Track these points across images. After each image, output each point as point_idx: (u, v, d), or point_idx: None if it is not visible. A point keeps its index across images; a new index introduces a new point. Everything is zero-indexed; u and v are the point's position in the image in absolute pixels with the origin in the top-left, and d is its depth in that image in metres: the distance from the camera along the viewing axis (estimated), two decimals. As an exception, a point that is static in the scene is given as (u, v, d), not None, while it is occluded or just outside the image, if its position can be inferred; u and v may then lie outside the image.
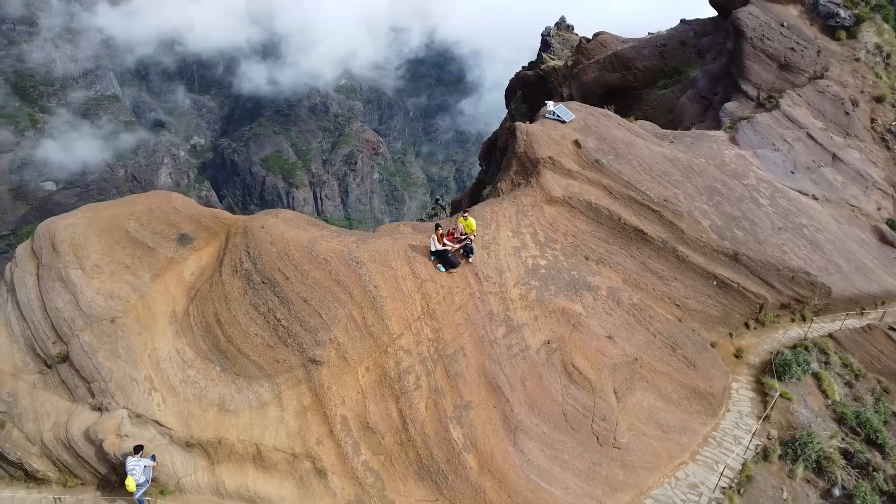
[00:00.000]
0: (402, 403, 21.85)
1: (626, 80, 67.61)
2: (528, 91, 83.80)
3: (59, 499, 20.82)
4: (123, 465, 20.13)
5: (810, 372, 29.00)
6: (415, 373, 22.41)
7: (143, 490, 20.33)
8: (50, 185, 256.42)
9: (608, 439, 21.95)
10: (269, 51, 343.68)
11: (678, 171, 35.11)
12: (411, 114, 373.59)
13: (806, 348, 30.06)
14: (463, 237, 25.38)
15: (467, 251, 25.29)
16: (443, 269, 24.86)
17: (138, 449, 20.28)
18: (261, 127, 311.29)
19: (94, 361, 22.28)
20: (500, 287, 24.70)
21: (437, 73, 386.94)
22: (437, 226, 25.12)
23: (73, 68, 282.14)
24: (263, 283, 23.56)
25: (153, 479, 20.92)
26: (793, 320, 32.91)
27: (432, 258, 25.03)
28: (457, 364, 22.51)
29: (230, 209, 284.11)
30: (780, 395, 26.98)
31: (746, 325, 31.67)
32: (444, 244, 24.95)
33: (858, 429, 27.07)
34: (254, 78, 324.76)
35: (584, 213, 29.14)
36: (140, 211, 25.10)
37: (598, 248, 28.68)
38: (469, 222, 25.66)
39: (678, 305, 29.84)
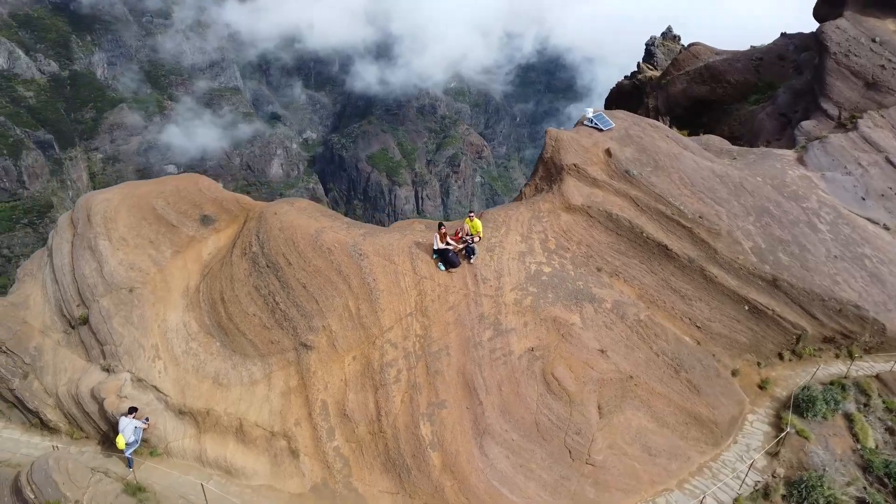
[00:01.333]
0: (379, 395, 22.28)
1: (716, 93, 64.78)
2: (623, 101, 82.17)
3: (57, 446, 22.76)
4: (117, 423, 21.77)
5: (841, 412, 26.86)
6: (397, 366, 22.78)
7: (132, 449, 21.88)
8: (172, 168, 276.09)
9: (581, 454, 21.37)
10: (382, 51, 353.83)
11: (725, 189, 33.40)
12: (518, 119, 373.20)
13: (842, 387, 27.84)
14: (468, 237, 25.49)
15: (469, 252, 25.35)
16: (443, 267, 25.08)
17: (132, 410, 21.85)
18: (370, 125, 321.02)
19: (109, 326, 24.19)
20: (496, 290, 24.60)
21: (546, 80, 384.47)
22: (441, 224, 25.37)
23: (200, 59, 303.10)
24: (268, 266, 24.69)
25: (145, 440, 22.47)
26: (837, 356, 30.49)
27: (434, 256, 25.29)
28: (438, 362, 22.66)
29: (335, 203, 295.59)
30: (797, 433, 25.19)
31: (780, 356, 29.68)
32: (448, 243, 25.16)
33: (886, 479, 24.83)
34: (366, 77, 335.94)
35: (603, 224, 28.39)
36: (169, 191, 26.96)
37: (613, 260, 27.86)
38: (475, 223, 25.75)
39: (699, 327, 28.45)
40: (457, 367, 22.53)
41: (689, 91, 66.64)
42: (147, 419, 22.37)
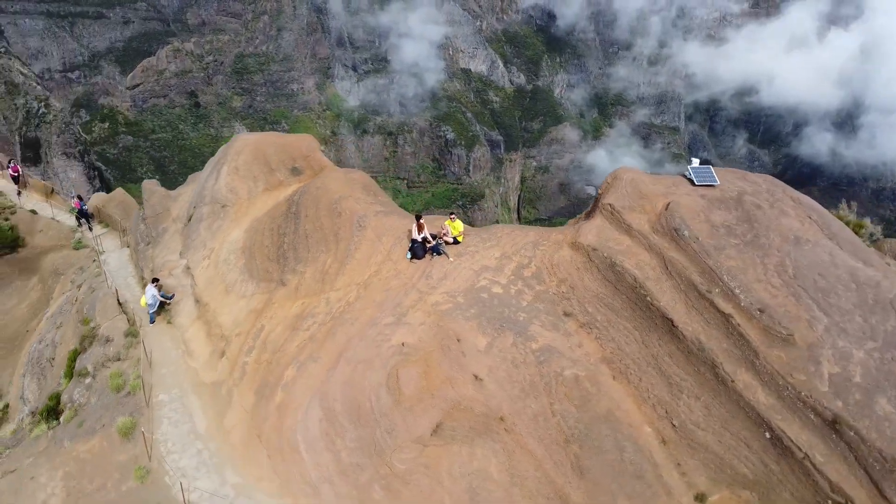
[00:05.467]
0: (289, 335, 25.44)
1: None
2: None
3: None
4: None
5: None
6: (315, 320, 25.55)
7: (152, 309, 29.53)
8: (591, 190, 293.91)
9: (384, 454, 21.07)
10: (844, 119, 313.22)
11: (855, 298, 25.56)
12: None
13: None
14: (443, 236, 26.36)
15: (434, 249, 26.16)
16: (409, 256, 26.50)
17: (155, 281, 29.53)
18: (810, 195, 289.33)
19: (197, 226, 32.41)
20: (429, 288, 25.01)
21: None
22: (419, 216, 26.72)
23: (648, 92, 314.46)
24: (293, 213, 29.66)
25: (168, 311, 29.97)
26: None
27: (410, 245, 26.88)
28: (341, 327, 24.66)
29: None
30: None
31: (793, 515, 22.43)
32: (426, 238, 26.47)
33: None
34: (817, 143, 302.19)
35: (601, 272, 25.34)
36: (280, 144, 33.94)
37: (595, 312, 24.83)
38: (455, 224, 26.42)
39: (675, 426, 23.44)
40: (348, 336, 24.19)
41: None
42: (173, 295, 29.80)
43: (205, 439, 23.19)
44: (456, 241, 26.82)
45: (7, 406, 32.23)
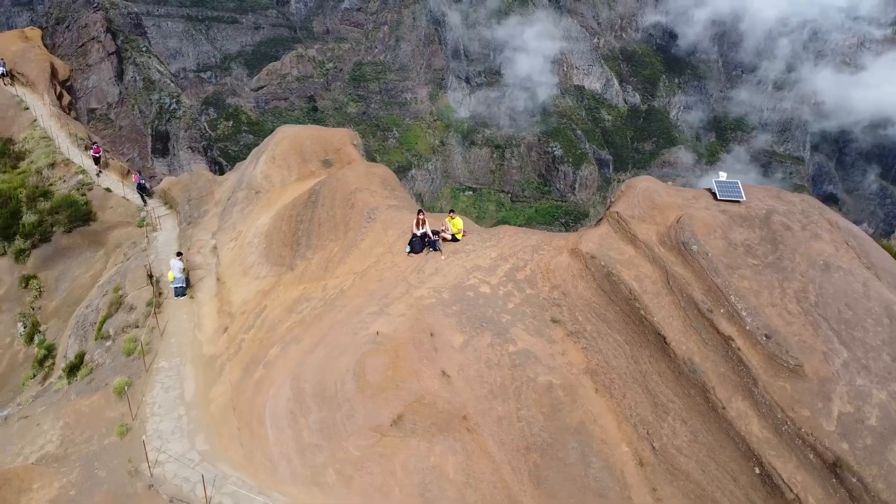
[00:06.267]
0: (285, 318, 26.13)
1: None
2: None
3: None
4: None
5: None
6: (309, 304, 26.12)
7: (179, 283, 31.16)
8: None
9: (340, 439, 21.11)
10: None
11: (885, 335, 23.09)
12: None
13: None
14: (443, 233, 26.30)
15: (431, 244, 26.07)
16: (408, 250, 26.55)
17: (179, 254, 31.17)
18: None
19: (231, 210, 33.98)
20: (418, 282, 24.88)
21: None
22: (420, 211, 26.72)
23: (771, 118, 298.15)
24: (312, 202, 30.49)
25: (192, 286, 31.58)
26: None
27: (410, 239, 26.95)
28: (330, 313, 25.06)
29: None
30: None
31: (774, 560, 20.50)
32: (426, 233, 26.47)
33: None
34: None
35: (597, 281, 24.22)
36: (317, 136, 34.98)
37: (585, 321, 23.77)
38: (455, 221, 26.28)
39: (655, 449, 22.03)
40: (333, 322, 24.51)
41: None
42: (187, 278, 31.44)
43: (188, 406, 24.20)
44: (455, 239, 26.60)
45: (53, 363, 35.02)
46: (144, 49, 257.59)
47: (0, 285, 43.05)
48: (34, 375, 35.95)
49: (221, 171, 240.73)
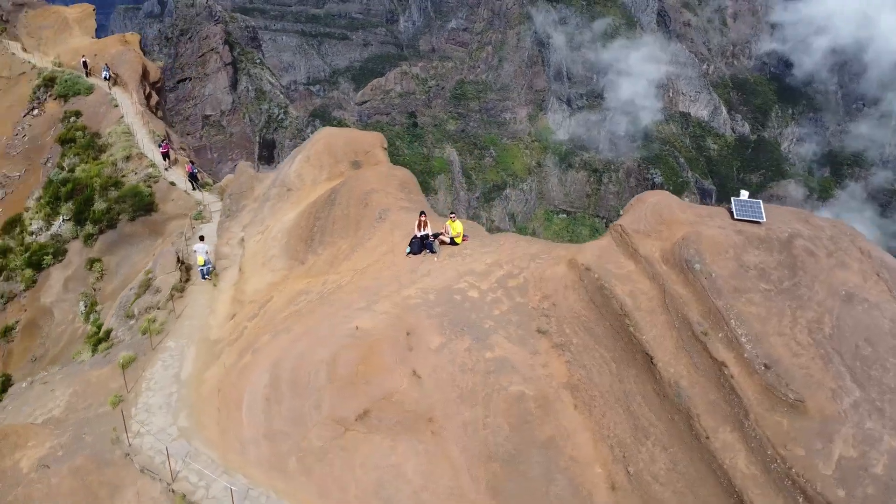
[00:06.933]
0: (285, 308, 26.72)
1: None
2: None
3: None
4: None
5: None
6: (308, 297, 26.61)
7: (207, 266, 32.53)
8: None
9: (304, 428, 21.22)
10: None
11: (905, 374, 20.98)
12: None
13: None
14: (442, 235, 26.22)
15: (428, 246, 25.97)
16: (408, 250, 26.58)
17: (202, 238, 32.56)
18: None
19: (264, 205, 35.22)
20: (409, 281, 24.78)
21: None
22: (422, 213, 26.70)
23: (893, 154, 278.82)
24: (331, 199, 31.13)
25: (216, 273, 32.92)
26: None
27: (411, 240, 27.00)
28: (322, 306, 25.43)
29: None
30: None
31: None
32: (424, 234, 26.46)
33: None
34: None
35: (589, 294, 23.18)
36: (349, 138, 35.70)
37: (571, 333, 22.80)
38: (455, 224, 26.12)
39: (630, 474, 20.78)
40: (323, 315, 24.82)
41: None
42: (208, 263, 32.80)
43: (181, 385, 25.11)
44: (453, 242, 26.36)
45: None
46: (258, 61, 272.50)
47: (70, 266, 46.48)
48: (81, 351, 38.45)
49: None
